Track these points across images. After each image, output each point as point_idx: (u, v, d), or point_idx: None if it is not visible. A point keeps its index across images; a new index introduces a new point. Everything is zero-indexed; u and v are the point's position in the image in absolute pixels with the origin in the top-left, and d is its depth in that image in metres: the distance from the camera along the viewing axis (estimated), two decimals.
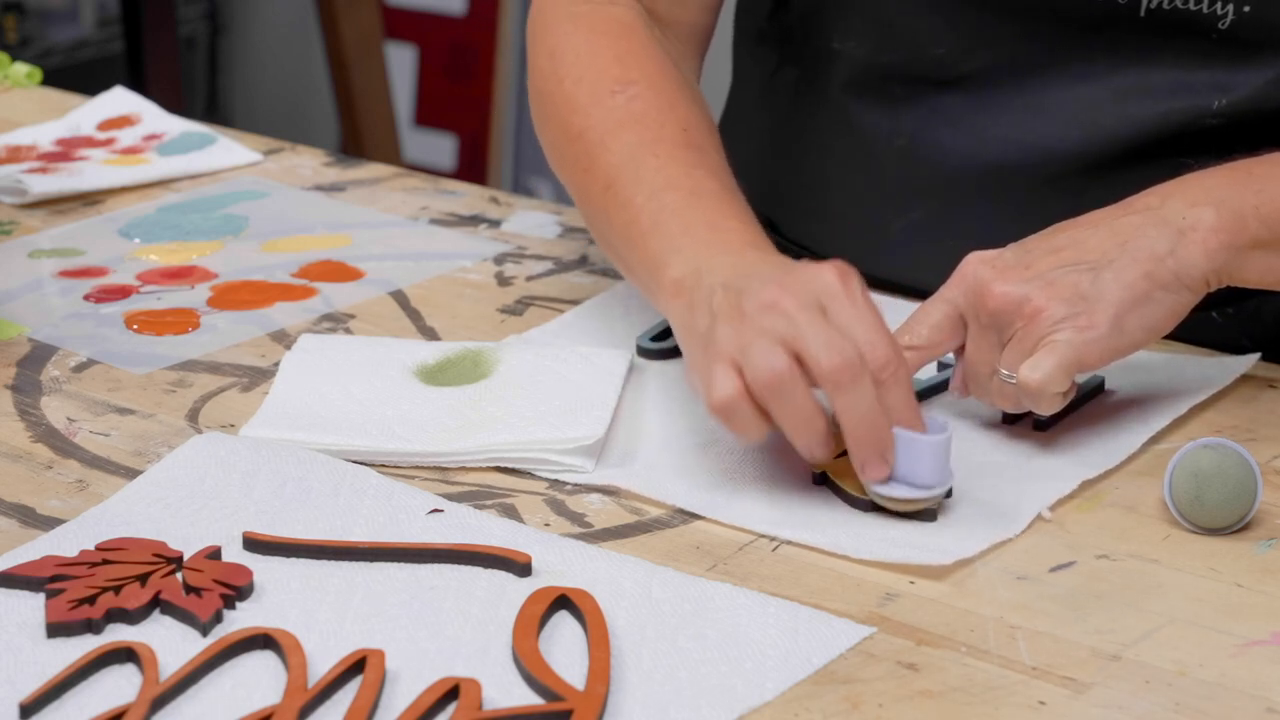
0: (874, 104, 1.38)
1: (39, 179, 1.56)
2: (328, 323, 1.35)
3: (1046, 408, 1.13)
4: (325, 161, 1.64)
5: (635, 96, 1.29)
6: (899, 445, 1.08)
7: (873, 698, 0.94)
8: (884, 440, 1.08)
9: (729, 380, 1.08)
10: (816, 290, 1.10)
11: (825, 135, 1.41)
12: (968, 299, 1.15)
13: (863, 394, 1.07)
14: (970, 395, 1.18)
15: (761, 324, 1.08)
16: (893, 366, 1.08)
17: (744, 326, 1.09)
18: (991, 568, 1.05)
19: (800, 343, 1.07)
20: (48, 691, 0.93)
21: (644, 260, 1.21)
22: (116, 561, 1.02)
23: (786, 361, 1.07)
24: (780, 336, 1.08)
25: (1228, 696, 0.95)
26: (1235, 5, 1.26)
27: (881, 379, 1.08)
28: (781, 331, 1.08)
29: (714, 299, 1.12)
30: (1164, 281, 1.15)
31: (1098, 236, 1.16)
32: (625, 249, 1.24)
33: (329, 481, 1.12)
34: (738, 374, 1.08)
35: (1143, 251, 1.15)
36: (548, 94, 1.32)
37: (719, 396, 1.08)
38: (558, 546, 1.06)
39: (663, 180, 1.23)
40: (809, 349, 1.07)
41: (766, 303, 1.09)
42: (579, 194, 1.29)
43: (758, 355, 1.07)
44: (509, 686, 0.94)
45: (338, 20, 3.37)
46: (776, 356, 1.07)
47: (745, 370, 1.08)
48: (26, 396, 1.24)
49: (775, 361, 1.07)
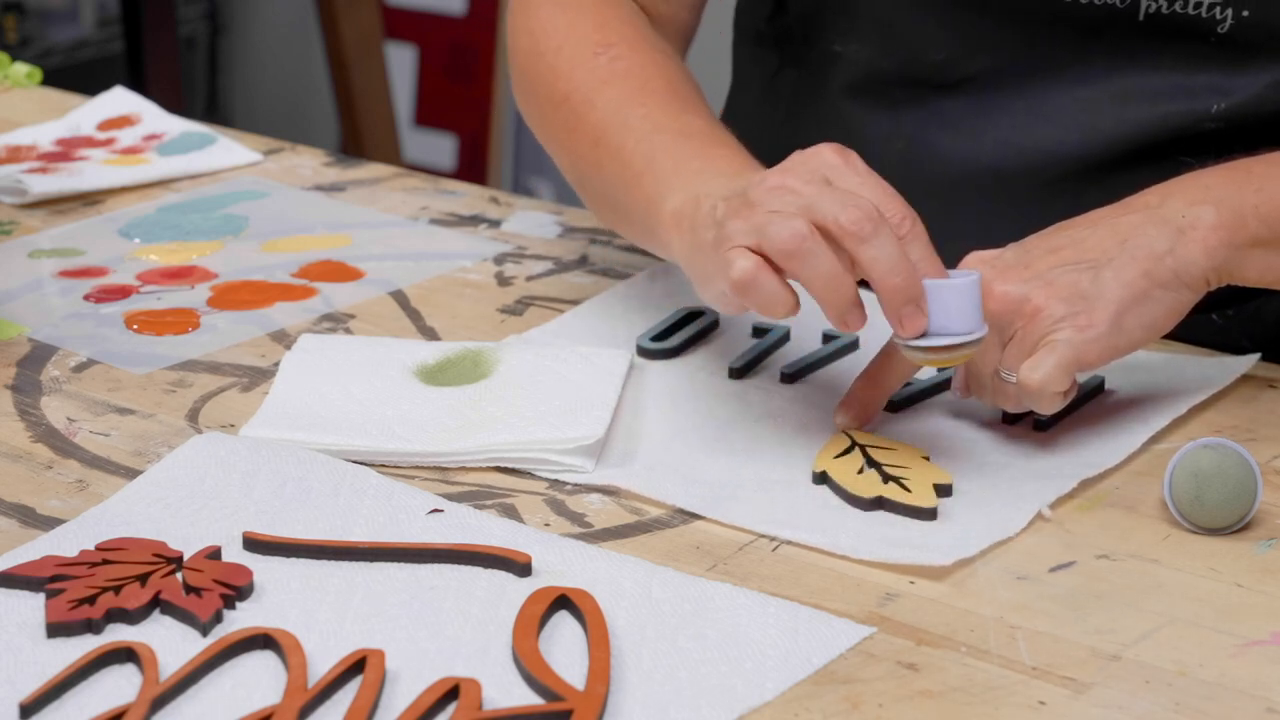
0: (873, 106, 1.38)
1: (39, 179, 1.56)
2: (328, 323, 1.35)
3: (1047, 407, 1.13)
4: (325, 161, 1.64)
5: (617, 57, 1.29)
6: (931, 295, 1.08)
7: (873, 698, 0.94)
8: (916, 288, 1.08)
9: (746, 256, 1.08)
10: (818, 165, 1.10)
11: (825, 137, 1.41)
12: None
13: (887, 243, 1.07)
14: (971, 395, 1.18)
15: (772, 204, 1.09)
16: (910, 221, 1.08)
17: (754, 212, 1.09)
18: (991, 568, 1.05)
19: (815, 210, 1.08)
20: (48, 691, 0.93)
21: (640, 202, 1.21)
22: (116, 561, 1.02)
23: (806, 225, 1.07)
24: (795, 209, 1.08)
25: (1228, 696, 0.95)
26: (1234, 9, 1.26)
27: (901, 234, 1.08)
28: (794, 205, 1.08)
29: (716, 210, 1.12)
30: (1163, 280, 1.15)
31: (1097, 235, 1.16)
32: (621, 194, 1.24)
33: (329, 481, 1.12)
34: (753, 253, 1.08)
35: (1142, 250, 1.15)
36: (529, 69, 1.33)
37: (739, 271, 1.08)
38: (558, 546, 1.06)
39: (650, 125, 1.23)
40: (825, 212, 1.07)
41: (772, 186, 1.10)
42: (568, 156, 1.29)
43: (775, 227, 1.07)
44: (509, 686, 0.94)
45: (338, 20, 3.37)
46: (795, 222, 1.07)
47: (764, 244, 1.08)
48: (26, 396, 1.24)
49: (795, 226, 1.07)
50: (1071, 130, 1.32)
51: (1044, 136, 1.32)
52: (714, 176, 1.17)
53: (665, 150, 1.21)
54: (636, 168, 1.22)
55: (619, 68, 1.29)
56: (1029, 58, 1.32)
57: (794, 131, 1.44)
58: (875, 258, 1.07)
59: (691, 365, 1.27)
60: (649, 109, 1.25)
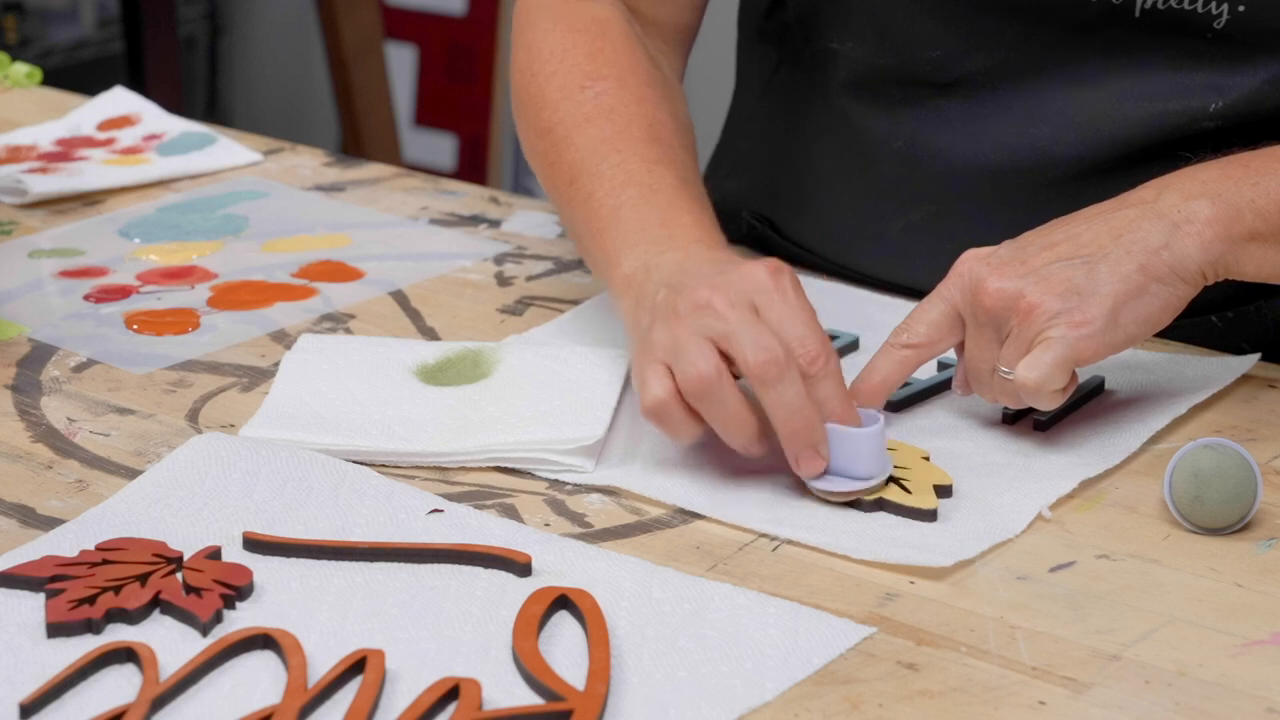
0: (871, 105, 1.38)
1: (39, 179, 1.56)
2: (328, 323, 1.35)
3: (1047, 404, 1.13)
4: (325, 161, 1.64)
5: (604, 92, 1.30)
6: (833, 440, 1.10)
7: (873, 698, 0.94)
8: (815, 434, 1.09)
9: (660, 383, 1.10)
10: (748, 289, 1.11)
11: (824, 135, 1.41)
12: (964, 296, 1.15)
13: (789, 388, 1.09)
14: (972, 392, 1.18)
15: (694, 324, 1.10)
16: (821, 360, 1.10)
17: (677, 326, 1.11)
18: (991, 568, 1.05)
19: (728, 340, 1.09)
20: (48, 691, 0.93)
21: (601, 254, 1.23)
22: (116, 561, 1.02)
23: (714, 363, 1.09)
24: (710, 335, 1.10)
25: (1228, 696, 0.95)
26: (1230, 5, 1.26)
27: (811, 373, 1.09)
28: (712, 330, 1.10)
29: (657, 297, 1.14)
30: (1159, 274, 1.15)
31: (1093, 230, 1.16)
32: (587, 240, 1.25)
33: (329, 481, 1.12)
34: (670, 376, 1.10)
35: (1138, 244, 1.15)
36: (523, 88, 1.34)
37: (650, 400, 1.11)
38: (558, 546, 1.06)
39: (623, 176, 1.24)
40: (737, 346, 1.09)
41: (699, 303, 1.11)
42: (548, 186, 1.31)
43: (686, 358, 1.10)
44: (509, 686, 0.94)
45: (338, 20, 3.37)
46: (704, 358, 1.09)
47: (675, 373, 1.10)
48: (26, 396, 1.24)
49: (703, 364, 1.09)
50: (1069, 130, 1.32)
51: (1041, 136, 1.33)
52: (668, 249, 1.19)
53: (631, 207, 1.23)
54: (602, 219, 1.23)
55: (604, 103, 1.29)
56: (1025, 56, 1.32)
57: (794, 129, 1.44)
58: (776, 402, 1.09)
59: None
60: (624, 156, 1.26)
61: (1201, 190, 1.17)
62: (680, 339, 1.10)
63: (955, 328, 1.16)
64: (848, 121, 1.39)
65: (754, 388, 1.09)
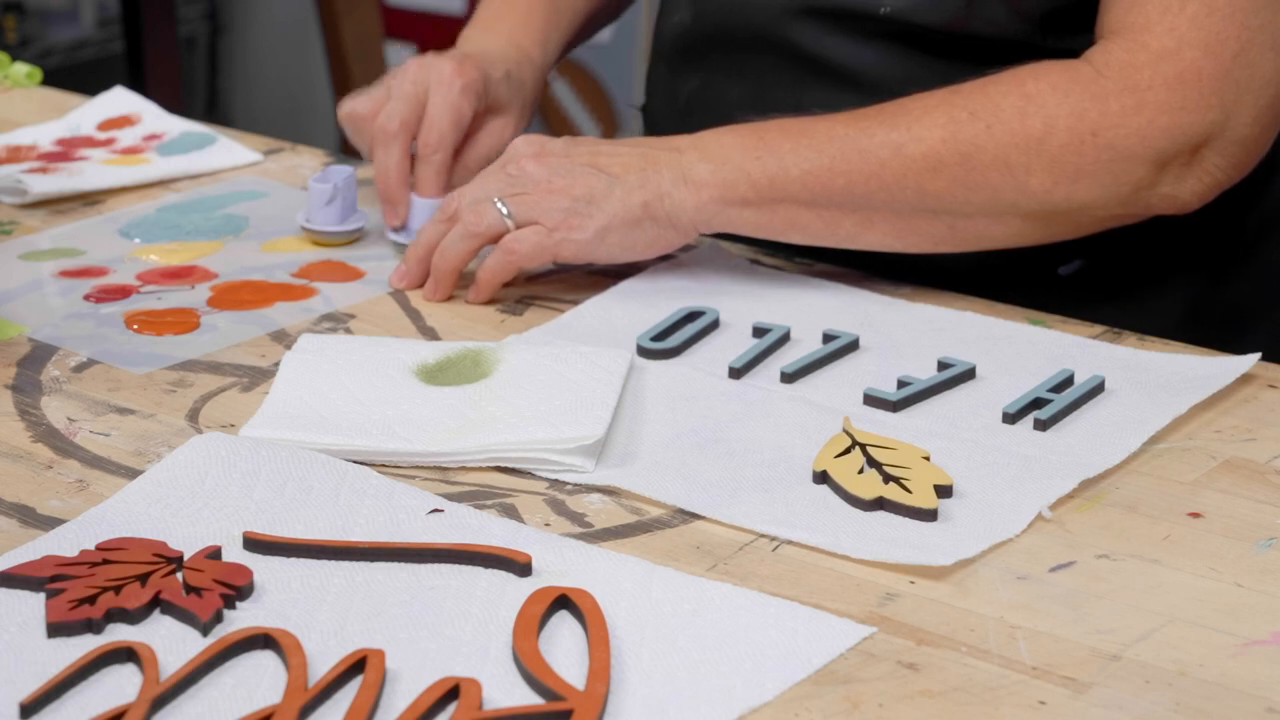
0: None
1: (39, 179, 1.56)
2: (328, 323, 1.35)
3: (492, 265, 1.34)
4: (325, 161, 1.64)
5: None
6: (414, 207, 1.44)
7: (873, 698, 0.94)
8: (394, 194, 1.44)
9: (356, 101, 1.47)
10: (425, 79, 1.45)
11: None
12: (500, 160, 1.38)
13: (389, 153, 1.45)
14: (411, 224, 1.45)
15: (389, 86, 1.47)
16: (430, 150, 1.44)
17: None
18: (991, 568, 1.05)
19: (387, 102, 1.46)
20: (48, 691, 0.93)
21: None
22: (116, 561, 1.02)
23: (376, 108, 1.46)
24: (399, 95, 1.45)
25: (1228, 696, 0.95)
26: None
27: (421, 155, 1.44)
28: (387, 87, 1.47)
29: None
30: (656, 215, 1.33)
31: (631, 156, 1.34)
32: None
33: (329, 481, 1.12)
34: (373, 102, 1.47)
35: (650, 184, 1.33)
36: None
37: (347, 106, 1.47)
38: (558, 546, 1.06)
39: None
40: (388, 106, 1.46)
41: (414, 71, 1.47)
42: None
43: (385, 112, 1.46)
44: (509, 686, 0.94)
45: (338, 20, 3.36)
46: (389, 111, 1.46)
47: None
48: (26, 396, 1.24)
49: (384, 120, 1.45)
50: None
51: None
52: (481, 32, 1.55)
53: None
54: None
55: None
56: None
57: None
58: (379, 163, 1.45)
59: (691, 365, 1.27)
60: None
61: (715, 154, 1.33)
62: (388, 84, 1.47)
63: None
64: None
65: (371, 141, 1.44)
